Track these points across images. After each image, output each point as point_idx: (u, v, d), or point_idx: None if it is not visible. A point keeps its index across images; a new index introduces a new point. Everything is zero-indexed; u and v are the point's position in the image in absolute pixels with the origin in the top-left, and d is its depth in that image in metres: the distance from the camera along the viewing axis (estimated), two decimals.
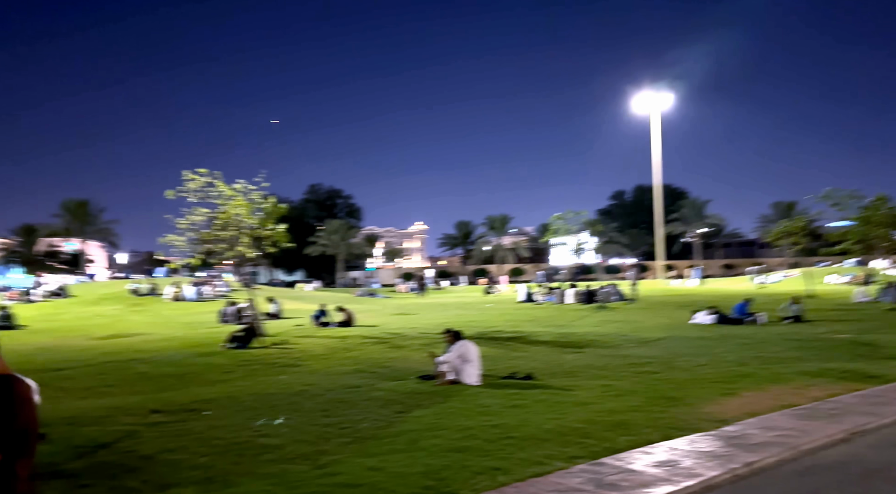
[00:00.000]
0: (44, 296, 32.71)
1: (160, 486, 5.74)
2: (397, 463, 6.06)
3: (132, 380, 11.74)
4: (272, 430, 7.68)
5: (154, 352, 15.20)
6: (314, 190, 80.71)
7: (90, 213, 61.83)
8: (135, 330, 20.48)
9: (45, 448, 7.09)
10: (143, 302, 29.31)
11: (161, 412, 8.89)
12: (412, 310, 28.20)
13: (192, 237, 18.00)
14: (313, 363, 13.28)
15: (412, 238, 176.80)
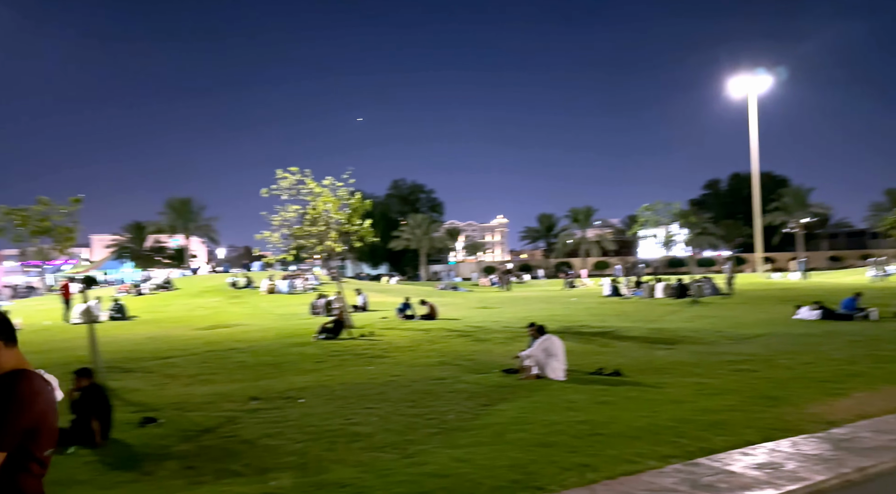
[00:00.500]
0: (152, 289, 35.28)
1: (260, 470, 6.05)
2: (483, 456, 6.08)
3: (232, 369, 12.44)
4: (363, 419, 7.92)
5: (252, 342, 16.03)
6: (397, 185, 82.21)
7: (192, 210, 65.97)
8: (233, 321, 21.68)
9: (156, 431, 7.67)
10: (241, 295, 30.97)
11: (259, 400, 9.38)
12: (494, 304, 28.18)
13: (285, 233, 18.81)
14: (399, 355, 13.56)
15: (493, 232, 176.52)
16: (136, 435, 7.47)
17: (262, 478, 5.74)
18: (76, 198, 11.62)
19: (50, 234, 11.11)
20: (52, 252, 12.28)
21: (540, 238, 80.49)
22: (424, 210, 77.87)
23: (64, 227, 11.16)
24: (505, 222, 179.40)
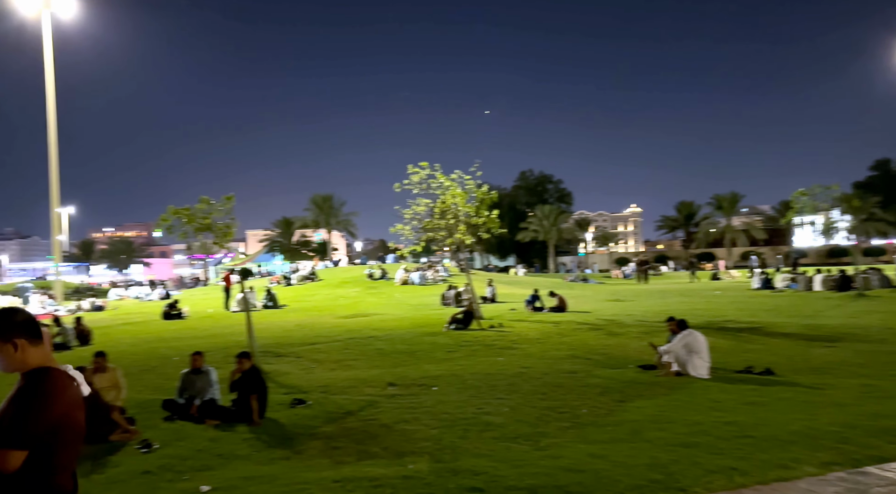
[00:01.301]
0: (299, 280, 37.99)
1: (398, 453, 6.31)
2: (620, 453, 5.89)
3: (371, 355, 13.07)
4: (495, 409, 7.99)
5: (388, 331, 16.75)
6: (525, 177, 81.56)
7: (333, 206, 70.28)
8: (371, 311, 22.77)
9: (305, 412, 8.25)
10: (377, 285, 32.44)
11: (396, 386, 9.78)
12: (628, 296, 27.12)
13: (416, 226, 19.40)
14: (528, 347, 13.49)
15: (626, 222, 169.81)
16: (287, 415, 8.09)
17: (400, 462, 5.98)
18: (228, 196, 12.76)
19: (211, 230, 12.30)
20: (213, 247, 13.53)
21: (678, 227, 75.99)
22: (552, 201, 76.58)
23: (223, 223, 12.32)
24: (639, 212, 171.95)
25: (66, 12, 32.19)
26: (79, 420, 2.49)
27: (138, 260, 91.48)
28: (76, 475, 2.49)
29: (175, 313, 23.29)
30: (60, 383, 2.43)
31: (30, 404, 2.32)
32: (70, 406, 2.43)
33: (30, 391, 2.34)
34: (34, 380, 2.39)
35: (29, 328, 2.46)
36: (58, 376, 2.45)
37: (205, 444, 6.85)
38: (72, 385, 2.49)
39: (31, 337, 2.44)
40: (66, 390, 2.44)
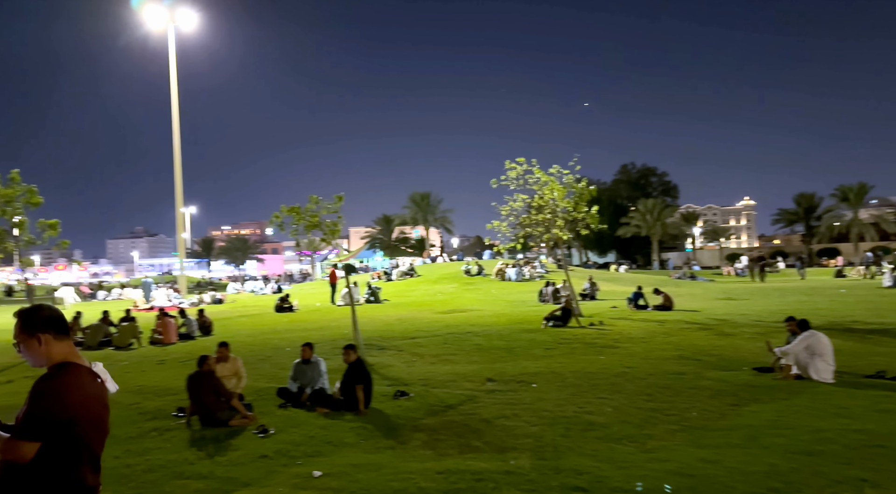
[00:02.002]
0: (399, 276, 39.00)
1: (499, 448, 6.33)
2: (734, 459, 5.59)
3: (469, 350, 13.19)
4: (597, 408, 7.82)
5: (485, 326, 16.83)
6: (626, 170, 78.87)
7: (431, 203, 71.56)
8: (468, 306, 22.96)
9: (408, 404, 8.46)
10: (474, 282, 32.66)
11: (494, 381, 9.81)
12: (740, 295, 25.57)
13: (513, 222, 19.33)
14: (632, 346, 13.07)
15: (738, 216, 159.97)
16: (391, 406, 8.34)
17: (501, 457, 6.00)
18: (339, 195, 13.34)
19: (320, 227, 12.91)
20: (320, 243, 14.17)
21: (797, 221, 70.59)
22: (656, 195, 73.53)
23: (331, 221, 12.91)
24: (752, 205, 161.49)
25: (188, 26, 34.86)
26: (98, 415, 2.50)
27: (253, 256, 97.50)
28: (98, 468, 2.51)
29: (286, 306, 24.61)
30: (77, 378, 2.46)
31: (44, 398, 2.36)
32: (88, 402, 2.46)
33: (46, 386, 2.39)
34: (53, 375, 2.45)
35: (54, 324, 2.53)
36: (77, 371, 2.48)
37: (316, 431, 7.21)
38: (92, 381, 2.52)
39: (55, 333, 2.52)
40: (84, 385, 2.47)
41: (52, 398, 2.37)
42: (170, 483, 5.57)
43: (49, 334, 2.50)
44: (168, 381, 10.60)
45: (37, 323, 2.51)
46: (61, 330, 2.54)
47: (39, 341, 2.49)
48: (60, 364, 2.49)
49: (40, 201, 15.79)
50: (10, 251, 15.72)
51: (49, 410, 2.35)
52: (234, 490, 5.36)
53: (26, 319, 2.54)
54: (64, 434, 2.36)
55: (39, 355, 2.50)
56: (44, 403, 2.36)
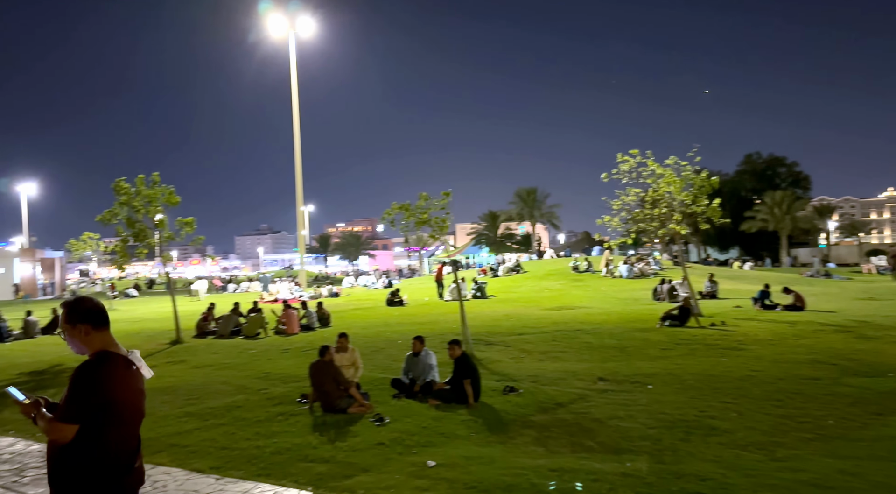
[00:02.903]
0: (505, 272, 38.97)
1: (614, 449, 6.16)
2: (879, 472, 5.08)
3: (579, 348, 12.93)
4: (720, 413, 7.40)
5: (595, 324, 16.42)
6: (751, 160, 73.49)
7: (538, 199, 70.79)
8: (577, 303, 22.51)
9: (517, 400, 8.45)
10: (582, 278, 31.95)
11: (607, 381, 9.55)
12: (884, 294, 23.13)
13: (625, 217, 18.65)
14: (758, 349, 12.22)
15: (881, 208, 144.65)
16: (500, 401, 8.37)
17: (616, 458, 5.84)
18: (446, 192, 13.53)
19: (429, 224, 13.17)
20: (428, 239, 14.47)
21: None
22: (785, 186, 68.05)
23: (440, 218, 13.13)
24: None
25: (307, 32, 36.88)
26: (131, 400, 2.69)
27: (365, 252, 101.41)
28: (134, 447, 2.71)
29: (397, 300, 25.38)
30: (113, 366, 2.65)
31: (82, 384, 2.57)
32: (122, 387, 2.65)
33: (84, 373, 2.59)
34: (90, 363, 2.65)
35: (93, 316, 2.72)
36: (113, 360, 2.67)
37: (428, 422, 7.38)
38: (127, 369, 2.70)
39: (94, 324, 2.71)
40: (119, 373, 2.65)
41: (88, 385, 2.56)
42: (295, 464, 5.93)
43: (89, 325, 2.70)
44: (292, 369, 11.27)
45: (78, 315, 2.72)
46: (100, 322, 2.74)
47: (80, 331, 2.70)
48: (99, 353, 2.68)
49: (178, 201, 17.22)
50: (152, 247, 17.31)
51: (86, 395, 2.55)
52: (353, 474, 5.61)
53: (70, 310, 2.75)
54: (100, 416, 2.55)
55: (80, 343, 2.71)
56: (81, 388, 2.56)
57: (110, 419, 2.58)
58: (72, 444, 2.53)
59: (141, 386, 2.78)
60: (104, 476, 2.57)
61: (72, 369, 7.36)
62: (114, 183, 16.53)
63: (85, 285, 68.96)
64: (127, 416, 2.67)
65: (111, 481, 2.58)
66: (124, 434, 2.66)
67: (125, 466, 2.65)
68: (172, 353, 14.27)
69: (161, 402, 8.90)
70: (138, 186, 16.57)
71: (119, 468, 2.62)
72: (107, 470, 2.58)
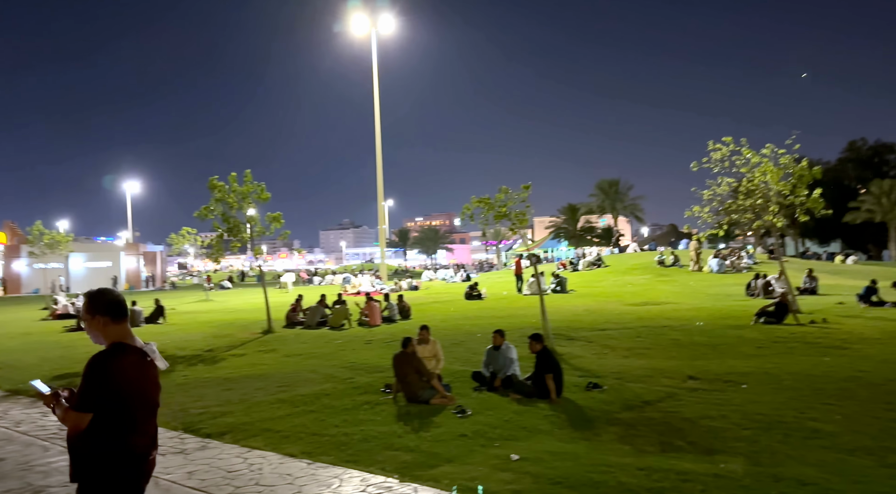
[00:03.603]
0: (585, 266, 38.21)
1: (706, 450, 5.92)
2: None
3: (666, 345, 12.49)
4: (823, 415, 6.94)
5: (683, 321, 15.80)
6: (855, 147, 68.07)
7: (620, 191, 68.79)
8: (662, 299, 21.74)
9: (601, 397, 8.27)
10: (669, 273, 30.80)
11: (697, 380, 9.17)
12: None
13: (716, 208, 17.80)
14: (864, 348, 11.37)
15: None
16: (583, 398, 8.22)
17: (709, 459, 5.60)
18: (525, 185, 13.39)
19: (508, 217, 13.10)
20: (505, 233, 14.37)
21: None
22: (894, 174, 62.72)
23: (520, 211, 13.03)
24: None
25: (388, 30, 37.57)
26: (144, 391, 2.76)
27: (443, 246, 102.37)
28: (148, 436, 2.78)
29: (475, 294, 25.46)
30: (126, 358, 2.71)
31: (95, 374, 2.63)
32: (135, 379, 2.71)
33: (97, 363, 2.66)
34: (104, 354, 2.71)
35: (111, 309, 2.80)
36: (127, 352, 2.74)
37: (510, 416, 7.37)
38: (140, 361, 2.77)
39: (112, 316, 2.79)
40: (132, 364, 2.72)
41: (101, 375, 2.64)
42: (382, 452, 6.08)
43: (107, 317, 2.78)
44: (375, 359, 11.56)
45: (97, 306, 2.80)
46: (118, 314, 2.82)
47: (99, 322, 2.79)
48: (114, 344, 2.75)
49: (268, 197, 18.02)
50: (245, 241, 18.19)
51: (98, 385, 2.63)
52: (437, 464, 5.69)
53: (90, 301, 2.84)
54: (113, 406, 2.63)
55: (98, 334, 2.80)
56: (94, 379, 2.64)
57: (123, 408, 2.65)
58: (87, 432, 2.62)
59: (155, 378, 2.85)
60: (117, 463, 2.65)
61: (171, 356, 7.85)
62: (209, 181, 17.50)
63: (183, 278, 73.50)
64: (139, 406, 2.73)
65: (124, 468, 2.67)
66: (137, 423, 2.72)
67: (139, 455, 2.73)
68: (264, 342, 14.96)
69: (255, 389, 9.37)
70: (231, 183, 17.46)
71: (132, 456, 2.70)
72: (120, 458, 2.66)
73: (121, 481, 2.66)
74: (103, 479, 2.63)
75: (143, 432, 2.76)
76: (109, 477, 2.63)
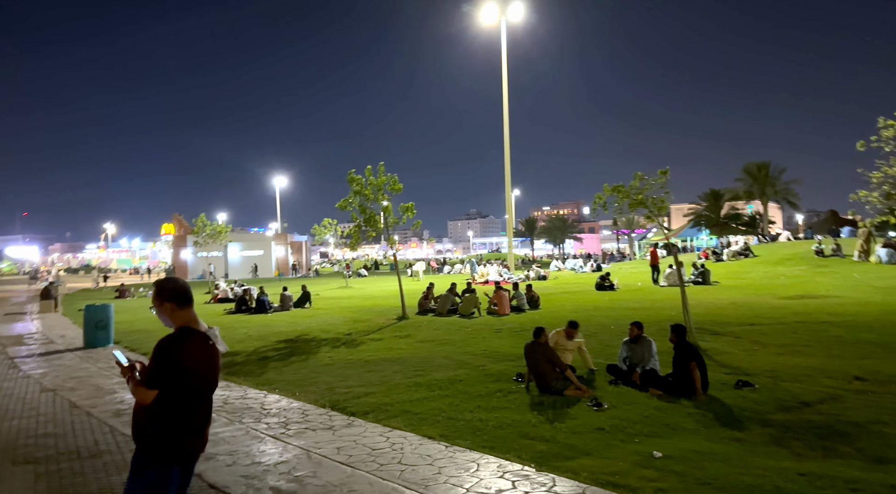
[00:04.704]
0: (730, 256, 35.60)
1: (878, 458, 5.31)
2: None
3: (827, 343, 11.32)
4: None
5: (847, 316, 14.24)
6: None
7: (771, 175, 63.05)
8: (821, 292, 19.71)
9: (751, 396, 7.68)
10: (828, 263, 27.83)
11: (865, 381, 8.24)
12: None
13: (886, 191, 15.80)
14: None
15: None
16: (731, 396, 7.69)
17: (882, 468, 5.02)
18: (663, 170, 12.69)
19: (644, 205, 12.49)
20: (639, 221, 13.74)
21: None
22: None
23: (657, 198, 12.38)
24: None
25: (518, 17, 37.22)
26: (205, 371, 3.00)
27: (571, 235, 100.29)
28: (206, 411, 3.04)
29: (607, 285, 24.70)
30: (190, 342, 2.96)
31: (162, 355, 2.89)
32: (197, 361, 2.96)
33: (165, 345, 2.92)
34: (171, 337, 2.96)
35: (177, 296, 3.06)
36: (192, 336, 2.99)
37: (650, 412, 7.07)
38: (203, 344, 3.01)
39: (178, 302, 3.05)
40: (195, 348, 2.97)
41: (167, 356, 2.90)
42: (517, 440, 6.09)
43: (174, 303, 3.05)
44: (505, 348, 11.61)
45: (164, 293, 3.08)
46: (183, 301, 3.08)
47: (166, 308, 3.06)
48: (181, 329, 3.01)
49: (401, 188, 18.62)
50: (380, 231, 18.98)
51: (164, 365, 2.89)
52: (574, 456, 5.60)
53: (159, 290, 3.12)
54: (175, 384, 2.89)
55: (167, 318, 3.07)
56: (161, 359, 2.90)
57: (184, 387, 2.92)
58: (152, 406, 2.90)
59: (215, 360, 3.10)
60: (175, 436, 2.93)
61: (317, 338, 8.41)
62: (348, 174, 18.44)
63: (325, 265, 78.46)
64: (199, 386, 2.99)
65: (181, 441, 2.95)
66: (196, 401, 2.99)
67: (196, 429, 3.01)
68: (399, 328, 15.58)
69: (393, 372, 9.79)
70: (367, 175, 18.28)
71: (190, 430, 2.98)
72: (178, 432, 2.94)
73: (173, 449, 2.94)
74: (159, 446, 2.92)
75: (201, 408, 3.04)
76: (164, 445, 2.92)
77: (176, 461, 2.96)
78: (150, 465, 2.92)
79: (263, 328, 16.59)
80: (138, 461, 2.95)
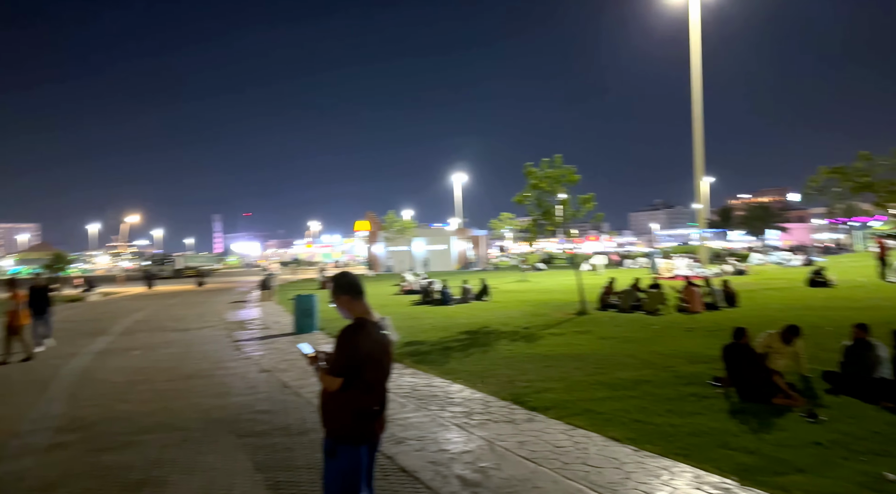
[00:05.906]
0: None
1: None
2: None
3: None
4: None
5: None
6: None
7: None
8: None
9: None
10: None
11: None
12: None
13: None
14: None
15: None
16: None
17: None
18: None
19: (872, 189, 10.75)
20: (858, 208, 11.88)
21: None
22: None
23: (889, 181, 10.59)
24: None
25: None
26: (380, 360, 3.18)
27: (774, 225, 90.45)
28: (381, 397, 3.24)
29: (820, 280, 21.85)
30: (367, 332, 3.14)
31: (344, 344, 3.09)
32: (373, 350, 3.13)
33: (345, 336, 3.10)
34: (350, 328, 3.14)
35: (350, 289, 3.26)
36: (368, 326, 3.16)
37: (881, 427, 6.05)
38: (377, 334, 3.18)
39: (352, 295, 3.25)
40: (371, 337, 3.14)
41: (348, 346, 3.09)
42: (715, 450, 5.57)
43: (348, 296, 3.27)
44: (698, 348, 10.74)
45: (340, 288, 3.30)
46: (357, 293, 3.27)
47: (342, 301, 3.29)
48: (357, 320, 3.20)
49: (577, 179, 18.09)
50: (557, 224, 18.60)
51: (347, 354, 3.08)
52: (785, 472, 4.97)
53: (335, 284, 3.33)
54: (357, 371, 3.09)
55: (345, 310, 3.29)
56: (343, 348, 3.10)
57: (364, 374, 3.11)
58: (337, 392, 3.11)
59: (389, 348, 3.28)
60: (358, 418, 3.14)
61: (497, 331, 8.52)
62: (524, 167, 18.38)
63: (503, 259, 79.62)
64: (376, 372, 3.19)
65: (364, 423, 3.16)
66: (373, 386, 3.19)
67: (375, 412, 3.22)
68: (579, 323, 15.20)
69: (573, 368, 9.55)
70: (543, 168, 18.05)
71: (370, 413, 3.19)
72: (361, 415, 3.15)
73: (359, 432, 3.17)
74: (346, 430, 3.14)
75: (378, 393, 3.24)
76: (351, 429, 3.14)
77: (363, 442, 3.21)
78: (342, 448, 3.15)
79: (446, 319, 17.20)
80: (330, 445, 3.19)
